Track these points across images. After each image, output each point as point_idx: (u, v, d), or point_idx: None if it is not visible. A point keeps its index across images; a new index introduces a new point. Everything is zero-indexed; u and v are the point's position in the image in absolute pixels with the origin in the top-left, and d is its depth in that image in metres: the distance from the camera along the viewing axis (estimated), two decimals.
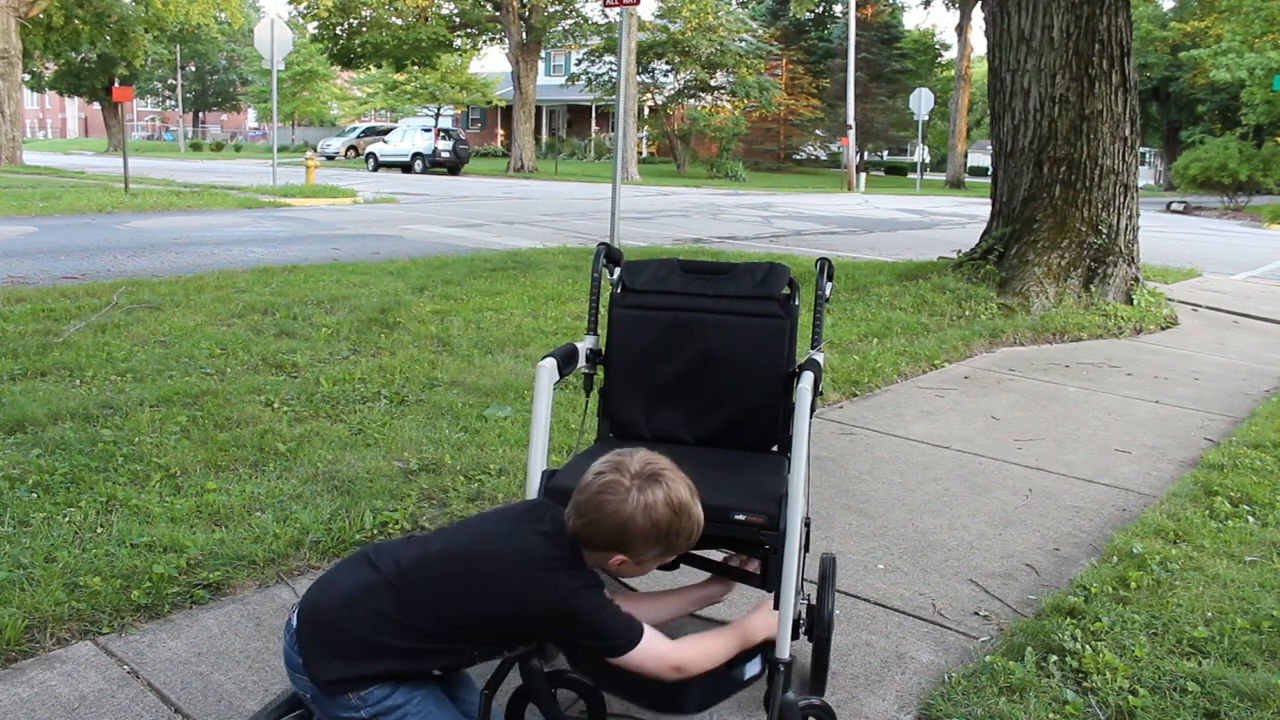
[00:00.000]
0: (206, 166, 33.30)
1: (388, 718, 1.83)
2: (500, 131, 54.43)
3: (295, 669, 1.87)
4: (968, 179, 43.89)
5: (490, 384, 5.12)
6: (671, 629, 2.11)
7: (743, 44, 40.97)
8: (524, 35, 35.84)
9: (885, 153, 59.84)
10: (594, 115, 52.53)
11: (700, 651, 2.02)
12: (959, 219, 21.10)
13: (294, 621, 1.88)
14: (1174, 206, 29.31)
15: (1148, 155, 52.06)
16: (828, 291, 2.73)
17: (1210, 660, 2.66)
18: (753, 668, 2.15)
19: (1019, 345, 7.28)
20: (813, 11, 51.39)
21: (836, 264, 6.78)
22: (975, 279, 8.60)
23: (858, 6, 38.50)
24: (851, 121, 35.30)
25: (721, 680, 2.13)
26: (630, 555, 1.89)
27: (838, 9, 51.45)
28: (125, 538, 3.05)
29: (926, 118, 36.26)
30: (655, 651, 1.91)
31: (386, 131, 42.91)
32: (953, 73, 45.64)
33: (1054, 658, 2.64)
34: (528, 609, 1.85)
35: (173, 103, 66.24)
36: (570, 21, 38.38)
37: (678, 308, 2.68)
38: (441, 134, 37.15)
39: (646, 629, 1.92)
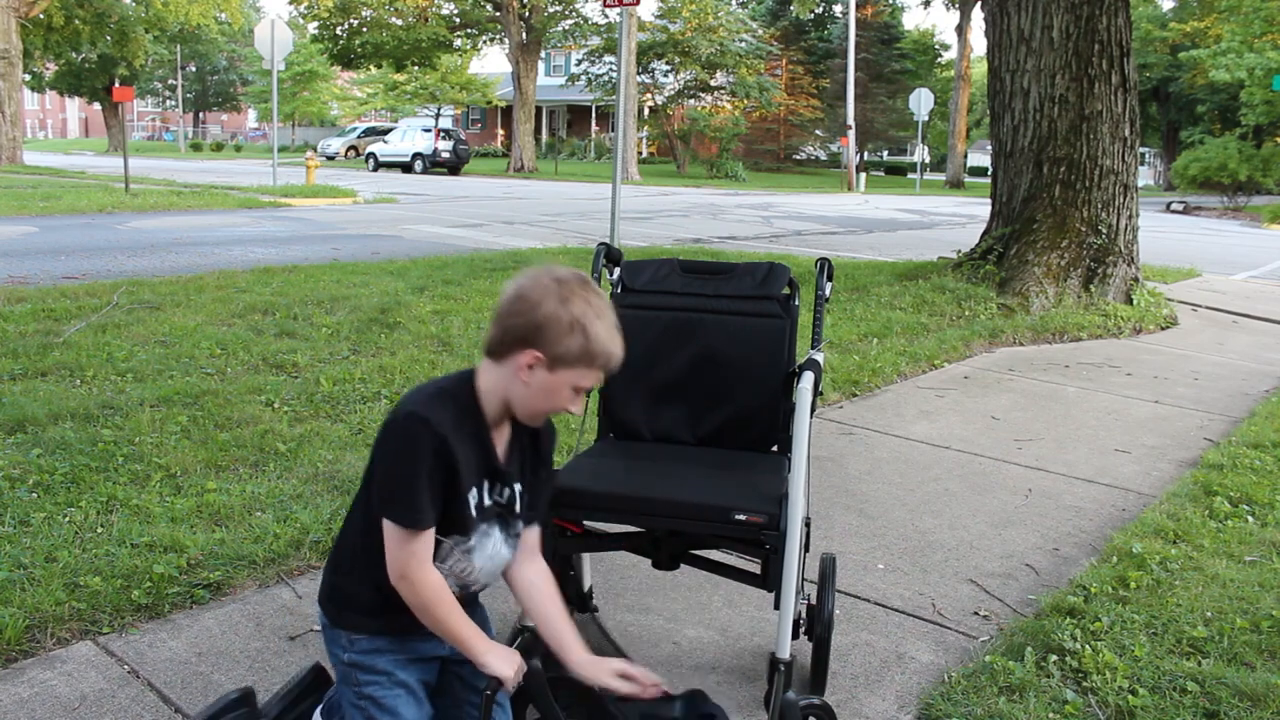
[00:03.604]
0: (207, 167, 33.31)
1: (360, 675, 1.80)
2: (500, 131, 54.43)
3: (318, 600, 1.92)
4: (967, 179, 43.89)
5: None
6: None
7: (743, 44, 40.97)
8: (524, 35, 35.85)
9: (885, 153, 59.84)
10: (594, 115, 52.53)
11: (445, 606, 1.74)
12: (959, 219, 21.10)
13: None
14: (1174, 207, 29.30)
15: (1147, 155, 52.03)
16: (828, 291, 2.74)
17: (1210, 660, 2.66)
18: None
19: (1019, 345, 7.28)
20: (813, 12, 51.39)
21: (836, 264, 6.78)
22: (975, 279, 8.60)
23: (858, 6, 38.50)
24: (851, 121, 35.30)
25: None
26: (544, 350, 1.72)
27: (838, 9, 51.46)
28: (125, 538, 3.05)
29: (926, 118, 36.25)
30: (406, 549, 1.69)
31: (387, 132, 42.90)
32: (953, 73, 45.63)
33: (1054, 658, 2.64)
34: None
35: (173, 103, 66.24)
36: (570, 22, 38.38)
37: (678, 308, 2.68)
38: (441, 134, 37.15)
39: (428, 534, 1.71)
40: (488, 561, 1.85)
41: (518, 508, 1.88)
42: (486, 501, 1.82)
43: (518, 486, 1.87)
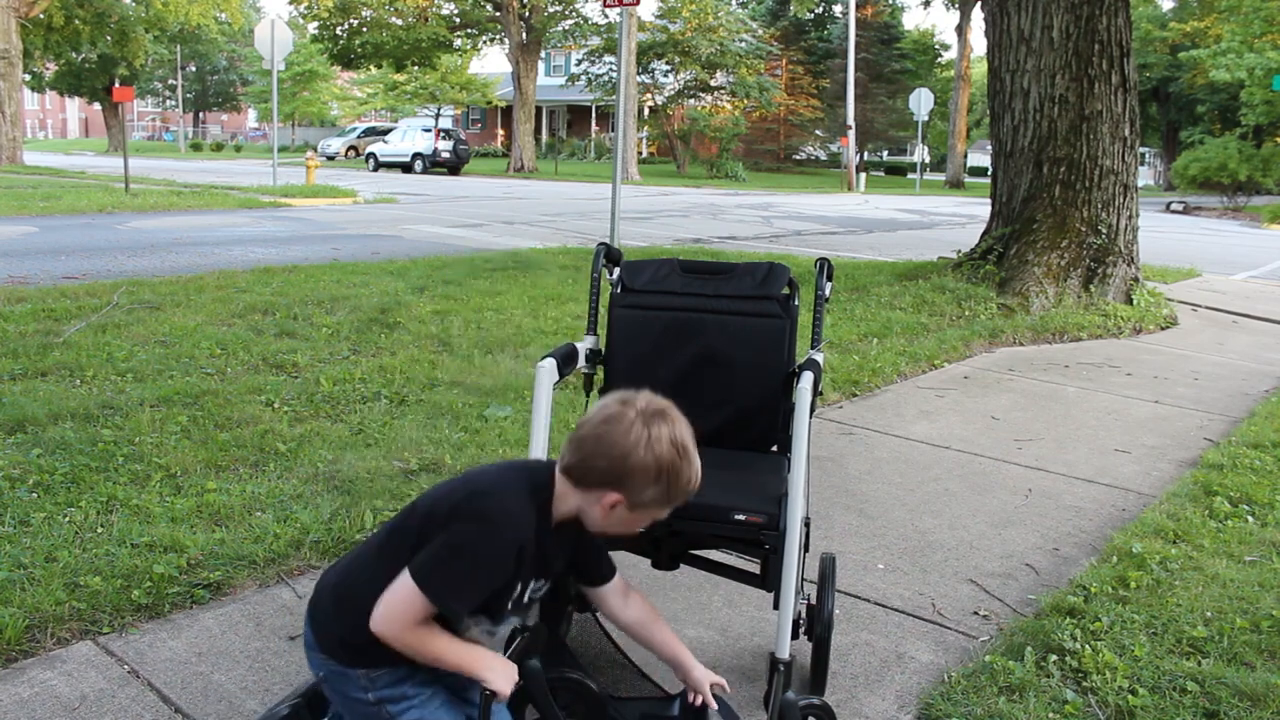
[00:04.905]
0: (207, 167, 33.30)
1: (393, 707, 1.81)
2: (500, 131, 54.42)
3: (309, 647, 1.86)
4: (967, 179, 43.88)
5: (490, 384, 5.12)
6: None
7: (743, 44, 40.95)
8: (524, 35, 35.85)
9: (885, 153, 59.82)
10: (594, 115, 52.52)
11: (430, 641, 1.76)
12: (959, 219, 21.10)
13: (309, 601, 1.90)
14: (1174, 207, 29.30)
15: (1147, 155, 52.02)
16: (827, 291, 2.74)
17: (1210, 660, 2.66)
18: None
19: (1019, 345, 7.28)
20: (813, 11, 51.39)
21: (836, 264, 6.79)
22: (975, 279, 8.60)
23: (858, 6, 38.49)
24: (851, 121, 35.28)
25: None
26: (627, 494, 1.77)
27: (838, 9, 51.46)
28: (126, 538, 3.05)
29: (926, 118, 36.24)
30: (410, 616, 1.71)
31: (387, 132, 42.90)
32: (953, 73, 45.62)
33: (1054, 657, 2.64)
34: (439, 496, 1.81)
35: (173, 103, 66.22)
36: (570, 22, 38.36)
37: (678, 308, 2.68)
38: (441, 134, 37.15)
39: (427, 596, 1.71)
40: (499, 644, 1.91)
41: (542, 596, 1.95)
42: (526, 598, 1.86)
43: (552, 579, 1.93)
